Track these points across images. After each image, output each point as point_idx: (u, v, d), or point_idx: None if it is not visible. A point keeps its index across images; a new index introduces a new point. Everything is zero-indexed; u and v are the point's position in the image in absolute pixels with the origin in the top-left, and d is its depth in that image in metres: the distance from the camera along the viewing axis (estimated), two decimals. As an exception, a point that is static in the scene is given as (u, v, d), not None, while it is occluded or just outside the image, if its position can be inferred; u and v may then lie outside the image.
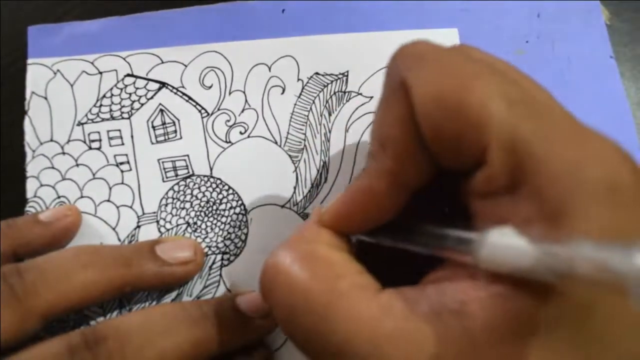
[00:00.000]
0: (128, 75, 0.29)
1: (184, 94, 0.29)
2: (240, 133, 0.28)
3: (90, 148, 0.28)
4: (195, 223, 0.27)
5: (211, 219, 0.27)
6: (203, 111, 0.28)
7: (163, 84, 0.29)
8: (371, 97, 0.29)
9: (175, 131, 0.28)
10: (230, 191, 0.27)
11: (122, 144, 0.28)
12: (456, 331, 0.15)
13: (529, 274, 0.14)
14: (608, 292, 0.13)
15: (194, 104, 0.28)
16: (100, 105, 0.28)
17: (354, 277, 0.18)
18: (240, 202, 0.27)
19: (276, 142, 0.28)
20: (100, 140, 0.28)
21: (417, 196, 0.19)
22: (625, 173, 0.14)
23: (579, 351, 0.14)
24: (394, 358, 0.15)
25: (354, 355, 0.16)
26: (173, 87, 0.29)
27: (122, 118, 0.28)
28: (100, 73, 0.29)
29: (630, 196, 0.14)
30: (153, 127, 0.28)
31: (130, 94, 0.28)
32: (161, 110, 0.28)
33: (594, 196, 0.14)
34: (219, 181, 0.27)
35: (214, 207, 0.27)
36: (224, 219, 0.27)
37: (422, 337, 0.15)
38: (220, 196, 0.27)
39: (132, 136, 0.28)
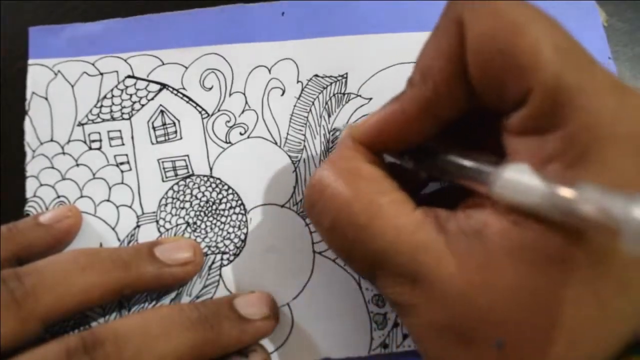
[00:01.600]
0: (129, 76, 0.29)
1: (184, 95, 0.29)
2: (240, 134, 0.28)
3: (90, 148, 0.28)
4: (194, 223, 0.27)
5: (211, 218, 0.27)
6: (203, 112, 0.28)
7: (164, 86, 0.29)
8: (370, 99, 0.29)
9: (176, 132, 0.28)
10: (230, 191, 0.27)
11: (123, 144, 0.28)
12: (477, 249, 0.17)
13: (537, 210, 0.15)
14: (606, 236, 0.14)
15: (195, 105, 0.29)
16: (101, 106, 0.28)
17: (392, 193, 0.19)
18: (240, 202, 0.27)
19: (276, 143, 0.28)
20: (100, 140, 0.28)
21: (450, 127, 0.20)
22: None
23: (590, 287, 0.15)
24: (424, 264, 0.17)
25: (391, 261, 0.18)
26: (174, 89, 0.29)
27: (123, 119, 0.28)
28: (101, 74, 0.29)
29: None
30: (153, 127, 0.28)
31: (131, 95, 0.29)
32: (162, 111, 0.28)
33: (622, 148, 0.15)
34: (218, 181, 0.28)
35: (214, 207, 0.27)
36: (223, 219, 0.27)
37: (448, 250, 0.17)
38: (220, 196, 0.27)
39: (132, 136, 0.28)
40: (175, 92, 0.29)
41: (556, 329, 0.15)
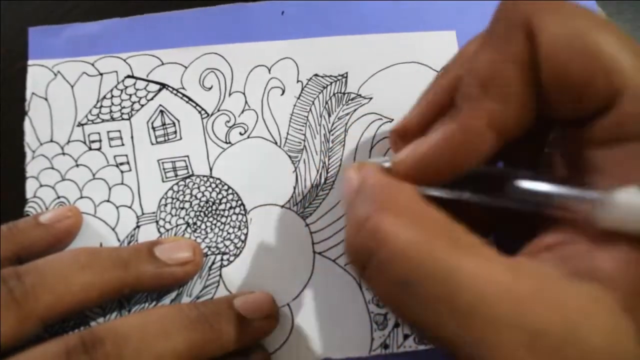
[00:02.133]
0: (128, 76, 0.29)
1: (184, 95, 0.29)
2: (240, 134, 0.28)
3: (90, 149, 0.28)
4: (194, 223, 0.27)
5: (211, 219, 0.27)
6: (203, 112, 0.28)
7: (163, 86, 0.29)
8: (370, 98, 0.29)
9: (175, 132, 0.28)
10: (230, 191, 0.27)
11: (122, 144, 0.28)
12: (600, 294, 0.14)
13: None
14: None
15: (194, 105, 0.29)
16: (101, 107, 0.28)
17: (464, 236, 0.16)
18: (240, 202, 0.27)
19: (276, 143, 0.28)
20: (100, 140, 0.28)
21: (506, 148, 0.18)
22: None
23: None
24: (543, 320, 0.14)
25: (489, 315, 0.14)
26: (173, 89, 0.29)
27: (122, 119, 0.28)
28: (101, 74, 0.29)
29: None
30: (153, 127, 0.28)
31: (130, 95, 0.29)
32: (161, 111, 0.28)
33: None
34: (218, 181, 0.28)
35: (214, 207, 0.27)
36: (223, 219, 0.27)
37: (570, 300, 0.14)
38: (220, 196, 0.27)
39: (132, 137, 0.28)
40: (174, 92, 0.29)
41: None
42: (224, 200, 0.27)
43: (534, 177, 0.17)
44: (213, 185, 0.27)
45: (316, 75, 0.29)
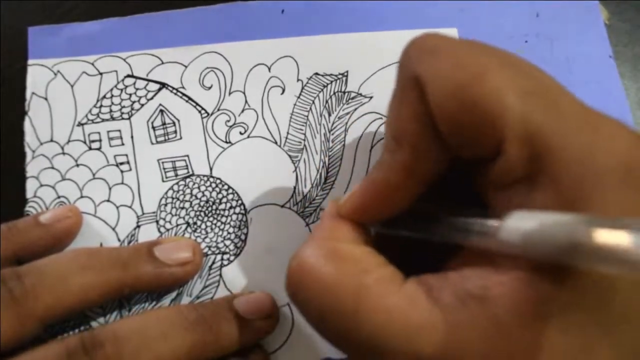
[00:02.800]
0: (128, 76, 0.29)
1: (184, 94, 0.29)
2: (240, 133, 0.28)
3: (90, 148, 0.28)
4: (195, 223, 0.27)
5: (211, 218, 0.27)
6: (203, 111, 0.28)
7: (163, 85, 0.29)
8: (370, 97, 0.29)
9: (175, 131, 0.28)
10: (230, 191, 0.27)
11: (122, 144, 0.28)
12: (481, 317, 0.15)
13: (551, 250, 0.14)
14: (616, 269, 0.13)
15: (194, 104, 0.28)
16: (101, 106, 0.28)
17: (378, 271, 0.18)
18: (240, 202, 0.27)
19: (276, 142, 0.28)
20: (100, 140, 0.28)
21: (432, 186, 0.19)
22: (638, 155, 0.15)
23: (600, 328, 0.14)
24: (424, 347, 0.15)
25: (386, 346, 0.16)
26: (173, 88, 0.29)
27: (122, 118, 0.28)
28: (101, 74, 0.29)
29: None
30: (153, 127, 0.28)
31: (130, 94, 0.29)
32: (161, 111, 0.28)
33: (609, 180, 0.14)
34: (218, 181, 0.28)
35: (214, 207, 0.27)
36: (223, 219, 0.27)
37: (449, 327, 0.15)
38: (220, 196, 0.27)
39: (132, 136, 0.28)
40: (174, 91, 0.29)
41: None
42: (224, 199, 0.27)
43: (452, 212, 0.18)
44: (213, 185, 0.27)
45: (316, 74, 0.29)
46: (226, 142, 0.28)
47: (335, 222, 0.20)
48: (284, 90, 0.29)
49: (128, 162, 0.28)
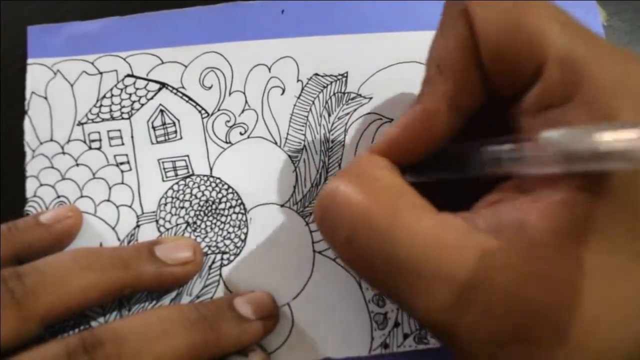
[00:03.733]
0: (128, 75, 0.29)
1: (184, 94, 0.29)
2: (240, 133, 0.28)
3: (90, 148, 0.28)
4: (194, 222, 0.27)
5: (211, 218, 0.27)
6: (203, 112, 0.28)
7: (163, 85, 0.29)
8: (370, 98, 0.29)
9: (176, 131, 0.28)
10: (230, 190, 0.27)
11: (122, 144, 0.28)
12: (518, 242, 0.16)
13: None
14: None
15: (194, 104, 0.28)
16: (101, 106, 0.28)
17: (412, 197, 0.18)
18: (240, 201, 0.27)
19: (276, 143, 0.28)
20: (100, 140, 0.28)
21: (465, 125, 0.20)
22: None
23: (637, 248, 0.15)
24: (458, 271, 0.16)
25: (419, 266, 0.16)
26: (173, 88, 0.29)
27: (122, 118, 0.28)
28: (101, 73, 0.29)
29: None
30: (153, 127, 0.28)
31: (130, 94, 0.29)
32: (161, 111, 0.28)
33: (636, 107, 0.15)
34: (218, 180, 0.28)
35: (214, 207, 0.27)
36: (223, 219, 0.27)
37: (484, 251, 0.16)
38: (220, 195, 0.27)
39: (132, 136, 0.28)
40: (174, 91, 0.29)
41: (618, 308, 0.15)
42: (224, 199, 0.27)
43: (483, 144, 0.18)
44: (213, 185, 0.28)
45: (316, 74, 0.29)
46: (226, 142, 0.28)
47: (369, 155, 0.20)
48: (284, 91, 0.29)
49: (128, 162, 0.28)
